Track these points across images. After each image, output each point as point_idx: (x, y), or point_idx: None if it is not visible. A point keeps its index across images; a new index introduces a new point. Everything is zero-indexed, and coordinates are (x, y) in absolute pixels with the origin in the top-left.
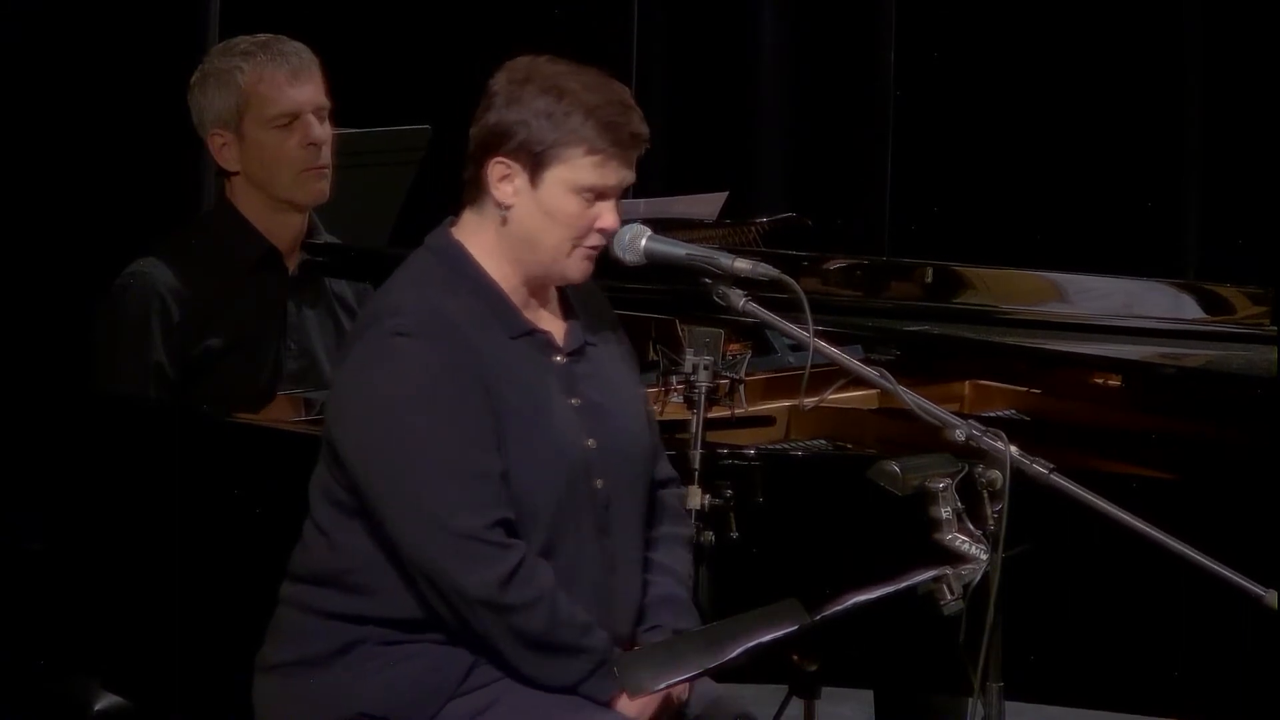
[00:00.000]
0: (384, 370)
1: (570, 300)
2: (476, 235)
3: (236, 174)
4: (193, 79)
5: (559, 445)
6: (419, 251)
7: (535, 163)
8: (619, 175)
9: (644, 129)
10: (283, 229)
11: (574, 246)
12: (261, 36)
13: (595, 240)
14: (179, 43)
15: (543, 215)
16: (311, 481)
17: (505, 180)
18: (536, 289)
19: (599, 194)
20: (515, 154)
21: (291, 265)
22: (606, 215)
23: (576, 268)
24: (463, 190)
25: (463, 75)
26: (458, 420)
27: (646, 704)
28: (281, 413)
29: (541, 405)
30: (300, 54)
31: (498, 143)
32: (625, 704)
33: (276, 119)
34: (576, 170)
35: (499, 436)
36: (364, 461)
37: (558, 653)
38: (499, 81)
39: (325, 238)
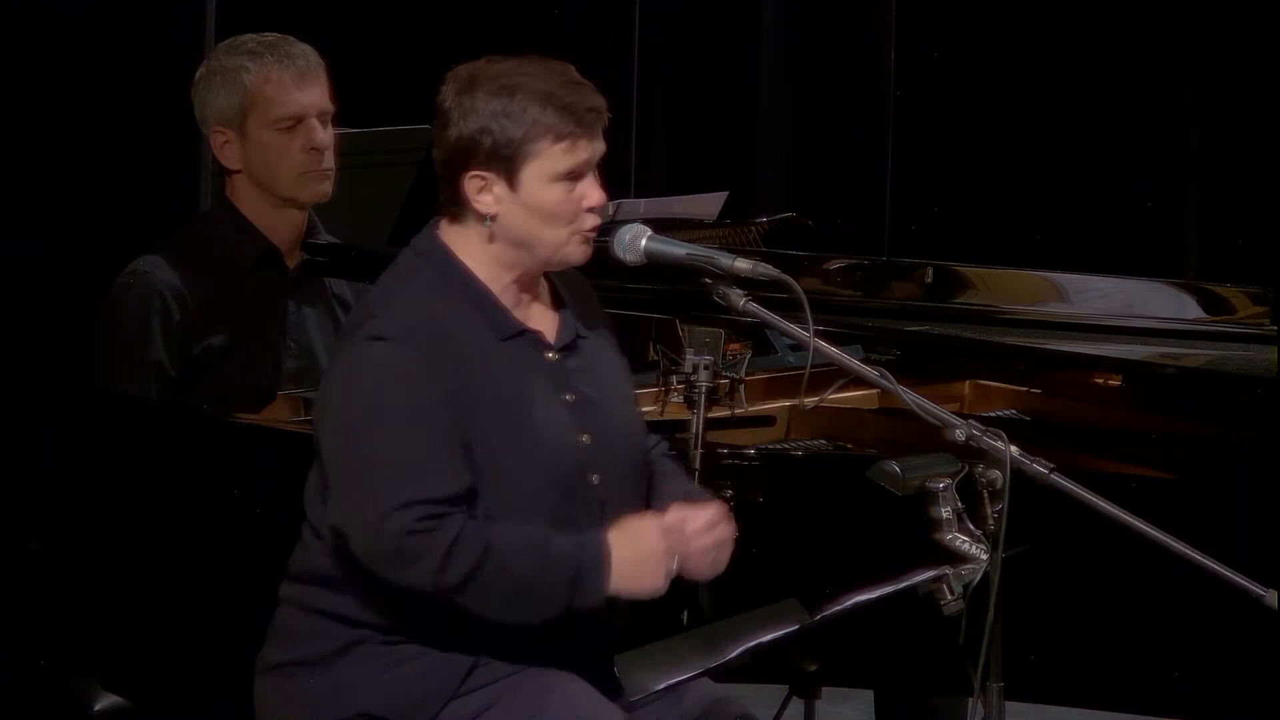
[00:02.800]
0: (353, 375)
1: (561, 294)
2: (463, 242)
3: (237, 172)
4: (197, 75)
5: (552, 444)
6: (405, 255)
7: (508, 166)
8: (590, 150)
9: (600, 100)
10: (283, 227)
11: (570, 234)
12: (269, 36)
13: (589, 222)
14: (177, 42)
15: (530, 213)
16: (307, 483)
17: (484, 191)
18: (527, 286)
19: (577, 174)
20: (487, 163)
21: (291, 264)
22: (591, 192)
23: (577, 252)
24: (440, 207)
25: None
26: (408, 424)
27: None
28: (280, 413)
29: (532, 405)
30: (307, 56)
31: (466, 157)
32: (620, 578)
33: (280, 121)
34: (549, 160)
35: (470, 438)
36: (327, 465)
37: (533, 586)
38: (447, 96)
39: (325, 237)
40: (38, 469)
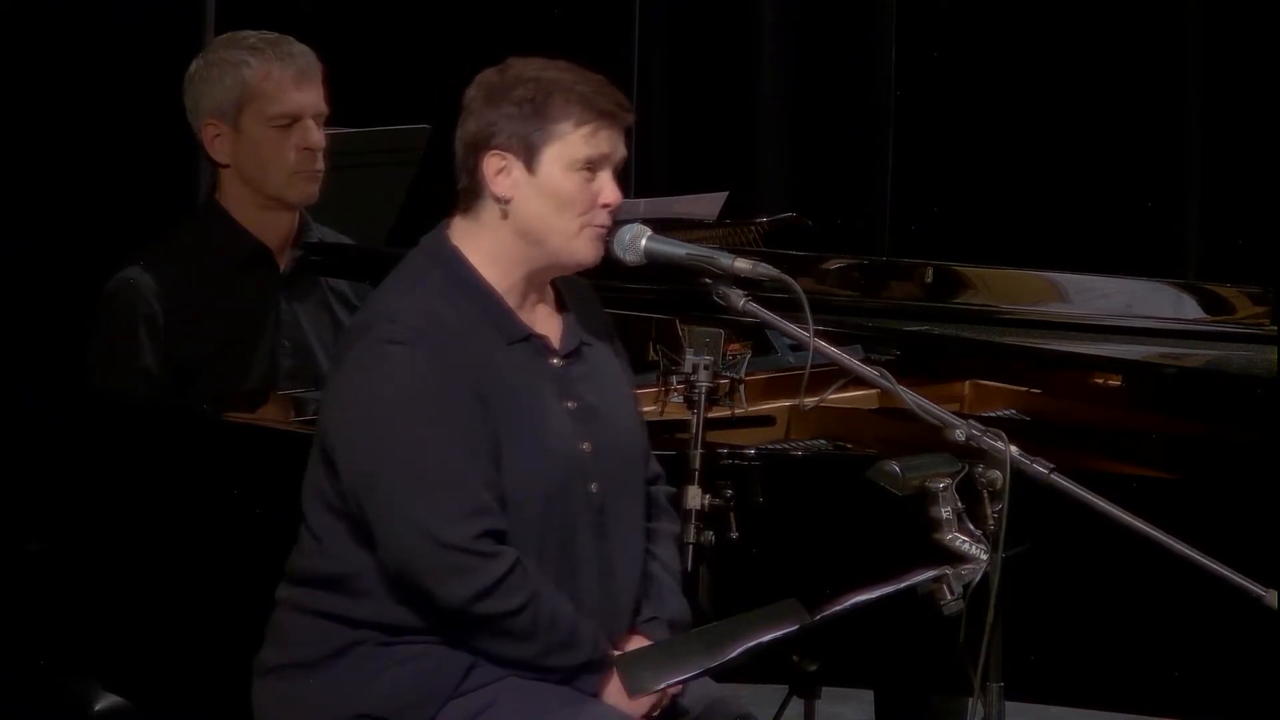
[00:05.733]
0: (376, 378)
1: (566, 300)
2: (474, 239)
3: (226, 167)
4: (193, 67)
5: (554, 451)
6: (414, 255)
7: (529, 147)
8: (611, 143)
9: (625, 99)
10: (272, 226)
11: (581, 227)
12: (270, 34)
13: (601, 218)
14: (176, 41)
15: (545, 199)
16: (305, 485)
17: (502, 173)
18: (534, 289)
19: (595, 165)
20: (508, 145)
21: (283, 263)
22: (607, 189)
23: (587, 249)
24: (458, 200)
25: (463, 75)
26: (449, 430)
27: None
28: (276, 413)
29: (536, 411)
30: (307, 56)
31: (487, 139)
32: (611, 693)
33: (277, 118)
34: (570, 145)
35: (493, 444)
36: (355, 470)
37: (545, 652)
38: (472, 89)
39: (317, 233)
40: (37, 469)
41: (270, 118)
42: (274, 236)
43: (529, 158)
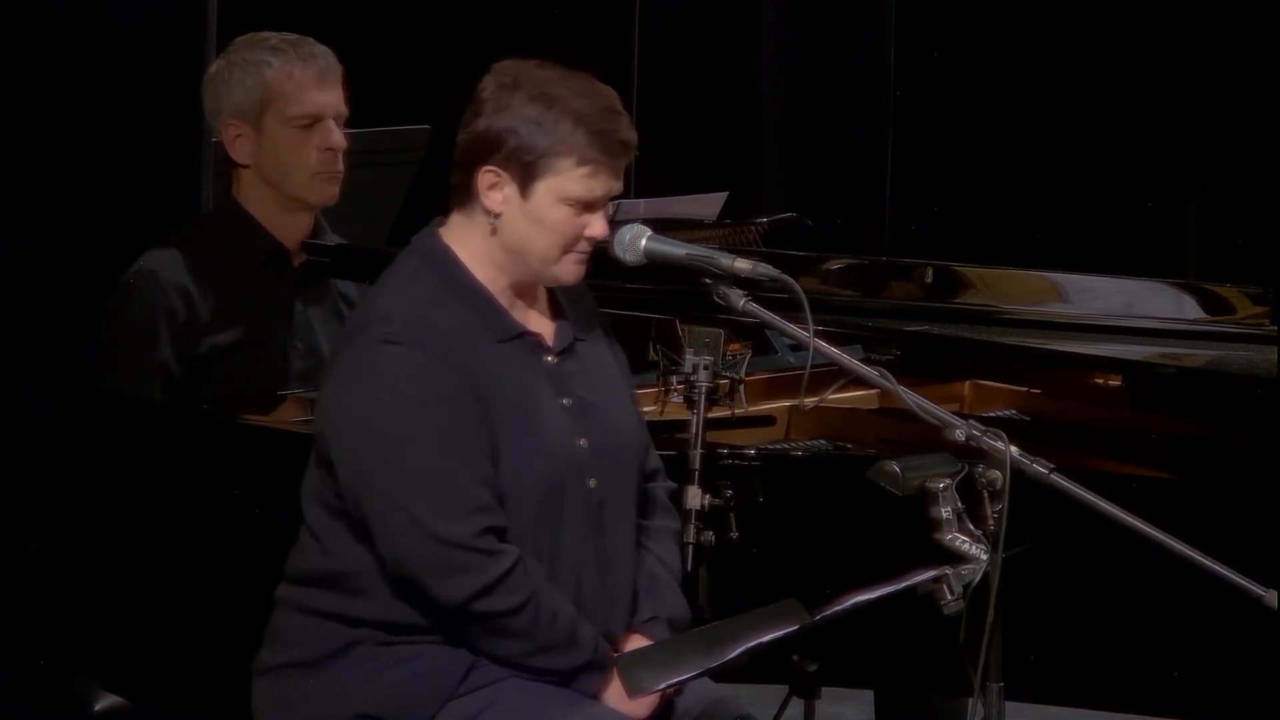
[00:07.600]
0: (372, 379)
1: (558, 298)
2: (465, 238)
3: (246, 168)
4: (213, 68)
5: (551, 448)
6: (406, 255)
7: (525, 172)
8: (608, 185)
9: (632, 136)
10: (290, 227)
11: (563, 253)
12: (290, 35)
13: (584, 247)
14: (179, 41)
15: (532, 224)
16: (303, 485)
17: (494, 189)
18: (525, 290)
19: (587, 205)
20: (505, 163)
21: (296, 263)
22: (595, 224)
23: (568, 271)
24: (451, 194)
25: (463, 75)
26: (447, 428)
27: (641, 699)
28: (289, 413)
29: (532, 409)
30: (327, 57)
31: (487, 151)
32: (611, 695)
33: (299, 119)
34: (566, 181)
35: (490, 442)
36: (353, 470)
37: (544, 652)
38: (487, 87)
39: (332, 238)
40: (37, 469)
41: (292, 118)
42: (292, 237)
43: (524, 182)
